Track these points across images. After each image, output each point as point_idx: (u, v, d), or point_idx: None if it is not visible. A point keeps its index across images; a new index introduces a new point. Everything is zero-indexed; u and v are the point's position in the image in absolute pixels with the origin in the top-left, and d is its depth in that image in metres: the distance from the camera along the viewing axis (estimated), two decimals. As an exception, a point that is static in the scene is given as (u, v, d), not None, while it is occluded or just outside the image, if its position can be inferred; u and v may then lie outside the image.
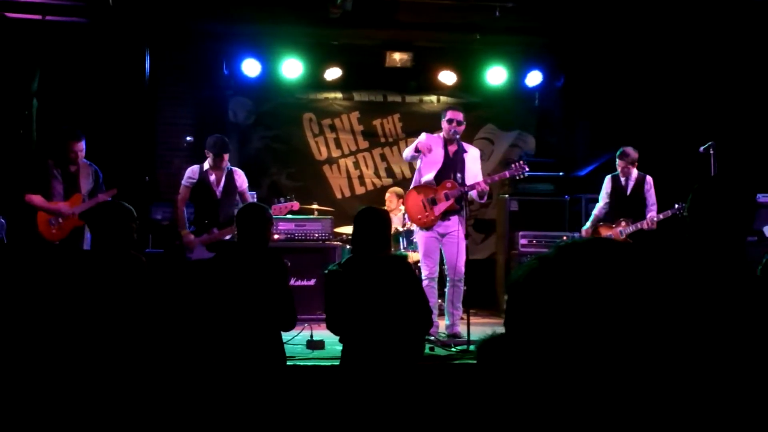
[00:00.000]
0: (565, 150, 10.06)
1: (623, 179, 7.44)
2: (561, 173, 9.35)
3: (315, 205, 8.61)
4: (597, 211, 7.57)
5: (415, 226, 6.84)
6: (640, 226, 7.19)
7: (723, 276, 2.31)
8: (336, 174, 9.99)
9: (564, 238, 8.39)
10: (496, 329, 1.55)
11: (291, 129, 9.88)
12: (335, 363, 4.67)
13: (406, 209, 6.95)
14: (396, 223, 8.22)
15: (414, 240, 7.51)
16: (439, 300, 7.11)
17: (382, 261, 4.36)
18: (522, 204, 9.09)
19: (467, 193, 6.50)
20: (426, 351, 5.66)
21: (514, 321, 1.45)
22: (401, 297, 4.27)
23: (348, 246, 7.77)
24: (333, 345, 5.46)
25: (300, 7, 8.29)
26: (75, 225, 6.65)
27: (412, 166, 7.45)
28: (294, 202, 6.82)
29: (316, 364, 5.46)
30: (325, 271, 4.47)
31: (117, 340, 3.93)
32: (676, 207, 6.95)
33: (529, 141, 10.38)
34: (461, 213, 6.56)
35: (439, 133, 6.88)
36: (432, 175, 6.67)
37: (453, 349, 6.09)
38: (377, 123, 10.05)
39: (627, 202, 7.42)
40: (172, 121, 9.18)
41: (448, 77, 9.55)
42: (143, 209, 7.72)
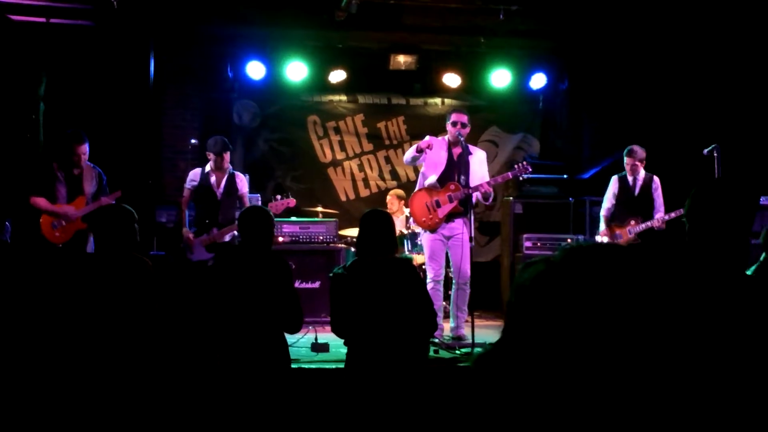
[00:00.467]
0: (570, 152, 10.05)
1: (631, 179, 7.37)
2: (565, 176, 9.34)
3: (319, 208, 8.62)
4: (605, 212, 7.50)
5: (420, 228, 6.85)
6: (650, 224, 7.14)
7: (725, 280, 2.31)
8: (340, 176, 10.00)
9: (568, 240, 8.39)
10: (498, 332, 1.56)
11: (296, 131, 9.88)
12: (340, 366, 4.67)
13: (410, 212, 6.96)
14: (398, 226, 8.21)
15: (418, 242, 7.52)
16: (444, 303, 7.12)
17: (387, 264, 4.36)
18: (526, 206, 9.08)
19: (472, 196, 6.50)
20: (431, 354, 5.66)
21: (517, 323, 1.45)
22: (406, 300, 4.27)
23: (353, 248, 7.78)
24: (338, 348, 5.46)
25: (305, 10, 8.31)
26: (78, 228, 6.67)
27: (416, 168, 7.46)
28: (291, 199, 6.85)
29: (320, 366, 5.47)
30: (330, 274, 4.47)
31: (122, 342, 3.94)
32: None
33: (534, 144, 10.37)
34: (466, 215, 6.56)
35: (444, 136, 6.88)
36: (435, 178, 6.68)
37: (458, 352, 6.10)
38: (381, 125, 10.06)
39: (635, 202, 7.36)
40: (177, 124, 9.19)
41: (452, 80, 9.56)
42: (148, 212, 7.74)
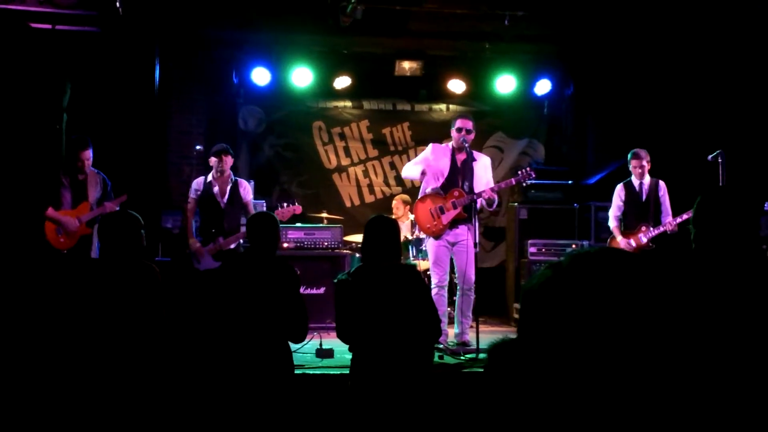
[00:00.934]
0: (575, 158, 10.05)
1: (637, 183, 7.30)
2: (570, 181, 9.34)
3: (324, 214, 8.63)
4: (615, 222, 7.38)
5: (425, 235, 6.85)
6: (662, 229, 7.07)
7: (733, 284, 2.31)
8: (345, 182, 10.01)
9: (573, 246, 8.38)
10: (507, 335, 1.57)
11: (301, 137, 9.90)
12: (345, 372, 4.67)
13: (415, 218, 6.96)
14: (404, 231, 8.21)
15: (423, 248, 7.52)
16: (449, 308, 7.11)
17: (391, 270, 4.36)
18: (531, 212, 9.08)
19: (476, 201, 6.50)
20: (435, 359, 5.65)
21: (527, 328, 1.46)
22: (411, 306, 4.27)
23: (357, 254, 7.78)
24: (343, 354, 5.46)
25: (310, 16, 8.33)
26: (82, 233, 6.69)
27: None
28: (297, 206, 6.87)
29: (325, 372, 5.47)
30: (335, 280, 4.48)
31: (129, 348, 3.94)
32: None
33: (539, 149, 10.37)
34: (470, 221, 6.55)
35: (447, 143, 6.88)
36: (439, 185, 6.68)
37: (462, 358, 6.09)
38: (387, 131, 10.07)
39: (643, 207, 7.27)
40: (183, 129, 9.21)
41: (457, 86, 9.57)
42: (154, 217, 7.76)
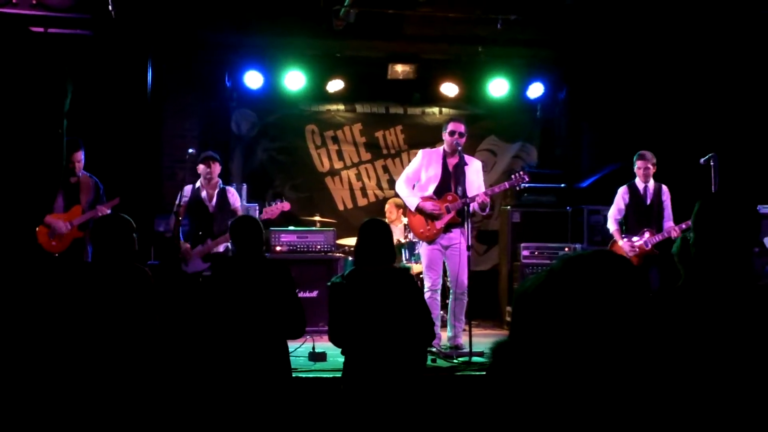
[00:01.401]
0: (568, 161, 10.07)
1: (642, 186, 7.19)
2: (563, 185, 9.36)
3: (317, 217, 8.63)
4: (616, 225, 7.27)
5: (419, 239, 6.86)
6: (666, 234, 6.97)
7: (731, 287, 2.32)
8: (338, 186, 10.00)
9: (566, 249, 8.39)
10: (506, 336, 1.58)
11: (294, 141, 9.89)
12: (337, 375, 4.67)
13: (408, 223, 6.97)
14: (397, 235, 8.22)
15: (416, 252, 7.53)
16: (442, 312, 7.11)
17: (385, 273, 4.37)
18: (524, 215, 9.09)
19: (469, 206, 6.51)
20: (429, 363, 5.66)
21: (520, 331, 1.47)
22: (404, 309, 4.28)
23: (351, 258, 7.78)
24: (335, 357, 5.46)
25: (303, 19, 8.33)
26: (75, 236, 6.66)
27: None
28: (285, 203, 6.86)
29: (318, 376, 5.47)
30: (329, 283, 4.48)
31: (122, 352, 3.93)
32: None
33: (532, 153, 10.38)
34: (463, 225, 6.56)
35: (439, 147, 6.90)
36: (431, 190, 6.68)
37: (455, 361, 6.09)
38: (380, 135, 10.07)
39: (647, 211, 7.18)
40: (176, 133, 9.19)
41: (450, 89, 9.57)
42: (147, 221, 7.74)
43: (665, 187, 7.28)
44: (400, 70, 9.27)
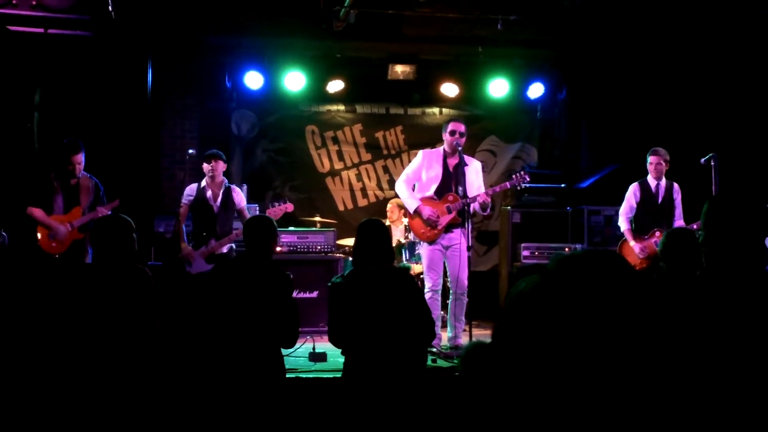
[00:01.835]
0: (568, 162, 10.07)
1: (654, 184, 7.08)
2: (563, 185, 9.35)
3: (318, 217, 8.63)
4: (626, 224, 7.13)
5: (420, 240, 6.85)
6: None
7: (743, 283, 2.32)
8: (339, 186, 10.00)
9: (566, 250, 8.39)
10: (480, 339, 1.58)
11: (294, 141, 9.89)
12: (338, 375, 4.67)
13: (409, 223, 6.96)
14: (398, 235, 8.23)
15: (417, 252, 7.53)
16: (442, 312, 7.11)
17: (385, 273, 4.37)
18: (524, 216, 9.08)
19: (469, 206, 6.51)
20: (429, 363, 5.65)
21: (511, 332, 1.46)
22: (404, 309, 4.27)
23: (351, 258, 7.78)
24: (335, 357, 5.46)
25: (303, 20, 8.33)
26: (75, 238, 6.66)
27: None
28: (288, 204, 6.86)
29: (318, 376, 5.46)
30: (329, 284, 4.48)
31: (122, 352, 3.93)
32: None
33: (532, 153, 10.38)
34: (464, 225, 6.55)
35: (439, 147, 6.89)
36: (432, 191, 6.67)
37: (455, 361, 6.08)
38: (380, 135, 10.07)
39: (659, 210, 7.06)
40: (176, 134, 9.20)
41: (450, 89, 9.57)
42: (147, 222, 7.74)
43: (677, 186, 7.16)
44: (400, 70, 9.28)
